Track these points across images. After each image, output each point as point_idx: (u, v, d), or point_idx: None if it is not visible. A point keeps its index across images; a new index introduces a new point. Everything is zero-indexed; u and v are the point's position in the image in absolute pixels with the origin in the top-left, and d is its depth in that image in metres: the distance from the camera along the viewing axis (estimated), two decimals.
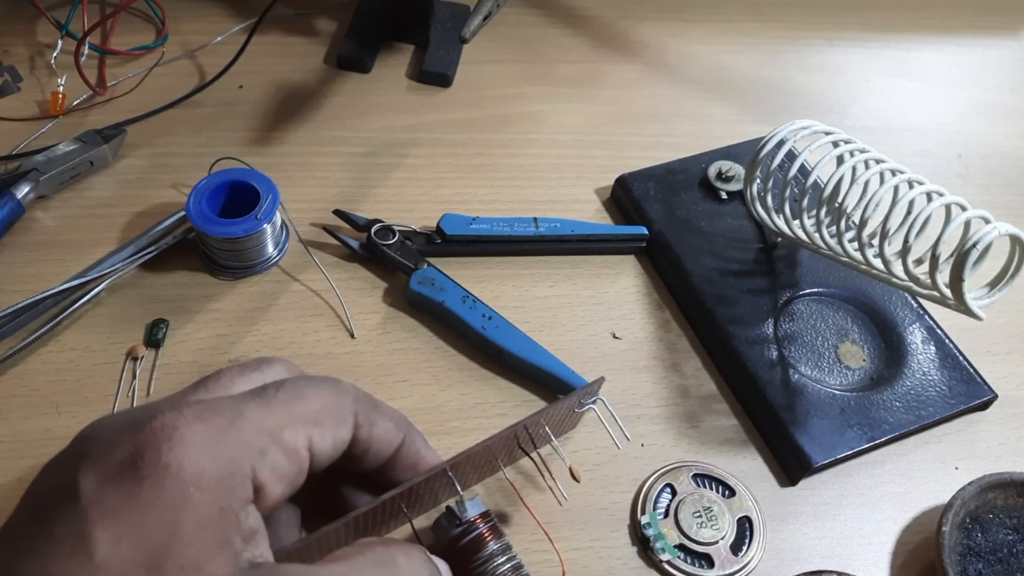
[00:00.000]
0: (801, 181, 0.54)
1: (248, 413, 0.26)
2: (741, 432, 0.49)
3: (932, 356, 0.52)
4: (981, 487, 0.45)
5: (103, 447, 0.25)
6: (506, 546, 0.38)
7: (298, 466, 0.27)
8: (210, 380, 0.29)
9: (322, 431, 0.28)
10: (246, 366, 0.30)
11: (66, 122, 0.59)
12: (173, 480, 0.24)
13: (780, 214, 0.52)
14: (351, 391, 0.30)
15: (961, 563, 0.43)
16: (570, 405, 0.40)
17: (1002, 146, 0.69)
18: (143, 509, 0.23)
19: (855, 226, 0.47)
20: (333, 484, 0.31)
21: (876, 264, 0.47)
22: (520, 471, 0.44)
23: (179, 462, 0.24)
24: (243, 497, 0.25)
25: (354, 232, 0.54)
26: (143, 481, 0.24)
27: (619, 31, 0.73)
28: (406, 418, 0.33)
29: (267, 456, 0.26)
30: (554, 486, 0.41)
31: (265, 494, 0.26)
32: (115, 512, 0.23)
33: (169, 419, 0.25)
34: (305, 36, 0.68)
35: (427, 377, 0.49)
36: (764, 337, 0.51)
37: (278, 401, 0.27)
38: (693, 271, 0.54)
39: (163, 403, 0.26)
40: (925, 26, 0.79)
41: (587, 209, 0.59)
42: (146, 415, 0.25)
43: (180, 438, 0.24)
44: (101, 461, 0.24)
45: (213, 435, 0.25)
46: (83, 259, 0.50)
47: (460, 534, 0.38)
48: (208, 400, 0.26)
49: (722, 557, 0.43)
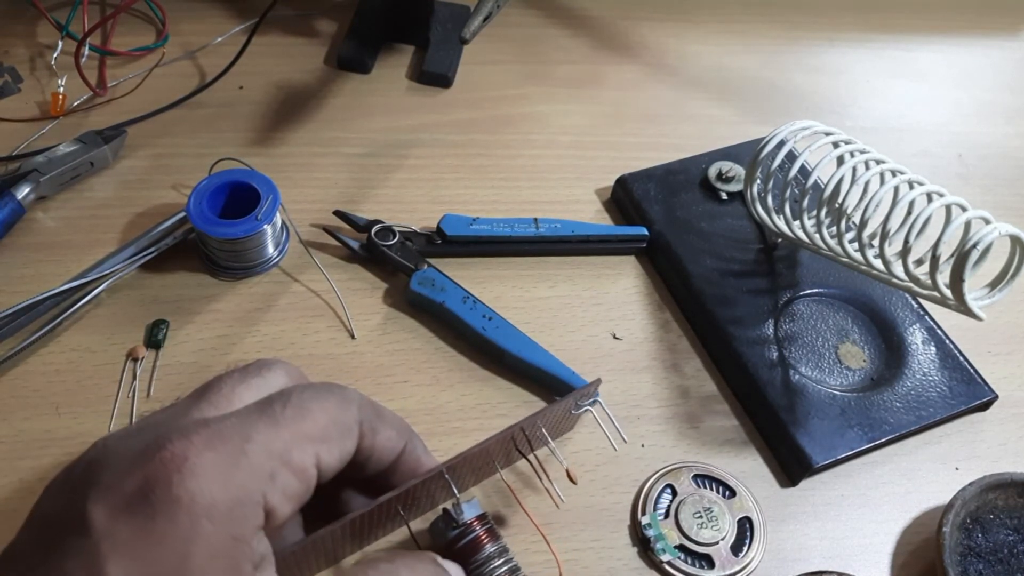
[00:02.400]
0: (801, 182, 0.54)
1: (256, 436, 0.26)
2: (741, 433, 0.49)
3: (932, 356, 0.51)
4: (982, 488, 0.45)
5: (112, 476, 0.24)
6: (503, 548, 0.38)
7: (306, 485, 0.27)
8: (211, 391, 0.28)
9: (329, 446, 0.28)
10: (247, 371, 0.30)
11: (66, 123, 0.59)
12: (185, 513, 0.24)
13: (780, 215, 0.52)
14: (355, 399, 0.30)
15: (962, 563, 0.43)
16: (567, 407, 0.39)
17: (1002, 146, 0.69)
18: (155, 543, 0.23)
19: (855, 227, 0.47)
20: (331, 487, 0.31)
21: (876, 264, 0.47)
22: (518, 473, 0.44)
23: (191, 495, 0.24)
24: (254, 525, 0.25)
25: (354, 233, 0.54)
26: (155, 515, 0.23)
27: (619, 32, 0.73)
28: (408, 425, 0.33)
29: (277, 479, 0.26)
30: (551, 488, 0.41)
31: (275, 516, 0.26)
32: (127, 546, 0.23)
33: (179, 448, 0.24)
34: (305, 37, 0.68)
35: (427, 378, 0.49)
36: (764, 338, 0.51)
37: (286, 419, 0.27)
38: (693, 272, 0.54)
39: (171, 428, 0.26)
40: (925, 27, 0.79)
41: (587, 210, 0.59)
42: (154, 442, 0.25)
43: (191, 469, 0.24)
44: (111, 492, 0.24)
45: (223, 464, 0.25)
46: (83, 260, 0.50)
47: (457, 537, 0.38)
48: (215, 422, 0.26)
49: (722, 558, 0.43)
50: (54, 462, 0.43)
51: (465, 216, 0.54)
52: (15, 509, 0.41)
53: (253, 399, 0.28)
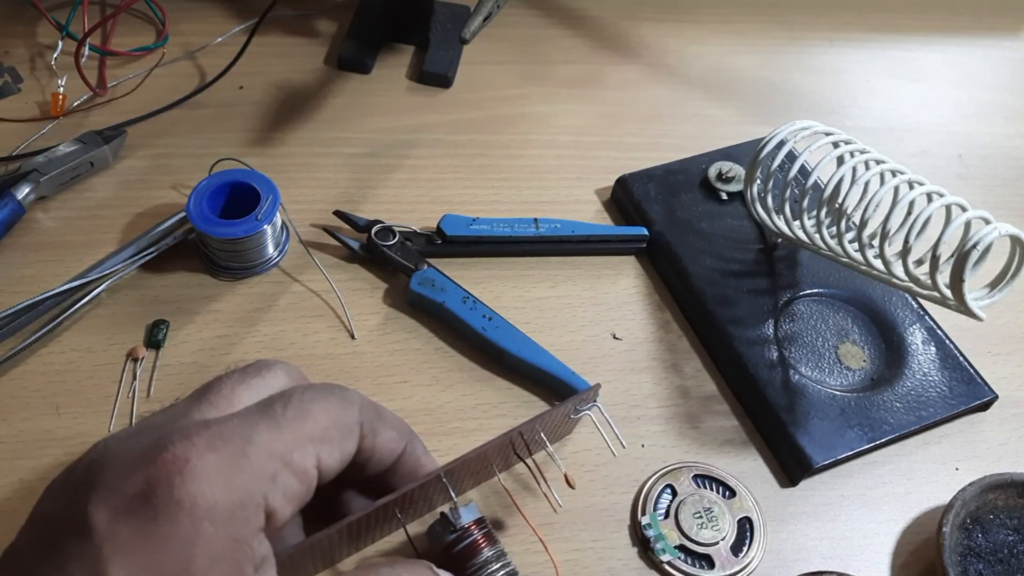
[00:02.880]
0: (801, 182, 0.54)
1: (257, 437, 0.26)
2: (741, 433, 0.49)
3: (932, 357, 0.51)
4: (982, 488, 0.45)
5: (114, 477, 0.24)
6: (500, 552, 0.38)
7: (307, 486, 0.27)
8: (212, 392, 0.28)
9: (330, 448, 0.28)
10: (247, 372, 0.30)
11: (66, 123, 0.59)
12: (187, 516, 0.24)
13: (780, 215, 0.52)
14: (356, 401, 0.30)
15: (961, 564, 0.43)
16: (566, 411, 0.39)
17: (1002, 146, 0.69)
18: (157, 546, 0.23)
19: (855, 227, 0.47)
20: (331, 488, 0.31)
21: (877, 265, 0.47)
22: (516, 476, 0.44)
23: (192, 497, 0.24)
24: (255, 526, 0.25)
25: (354, 233, 0.54)
26: (157, 517, 0.23)
27: (620, 32, 0.73)
28: (408, 426, 0.33)
29: (278, 481, 0.26)
30: (549, 493, 0.41)
31: (276, 518, 0.26)
32: (130, 549, 0.23)
33: (180, 450, 0.24)
34: (305, 36, 0.68)
35: (428, 378, 0.49)
36: (764, 338, 0.51)
37: (287, 420, 0.27)
38: (693, 272, 0.54)
39: (172, 429, 0.26)
40: (925, 27, 0.79)
41: (587, 210, 0.59)
42: (156, 444, 0.25)
43: (192, 472, 0.24)
44: (112, 493, 0.24)
45: (225, 465, 0.25)
46: (83, 260, 0.50)
47: (454, 541, 0.38)
48: (216, 424, 0.26)
49: (722, 558, 0.43)
50: (54, 462, 0.43)
51: (465, 216, 0.54)
52: (15, 509, 0.41)
53: (253, 400, 0.28)
